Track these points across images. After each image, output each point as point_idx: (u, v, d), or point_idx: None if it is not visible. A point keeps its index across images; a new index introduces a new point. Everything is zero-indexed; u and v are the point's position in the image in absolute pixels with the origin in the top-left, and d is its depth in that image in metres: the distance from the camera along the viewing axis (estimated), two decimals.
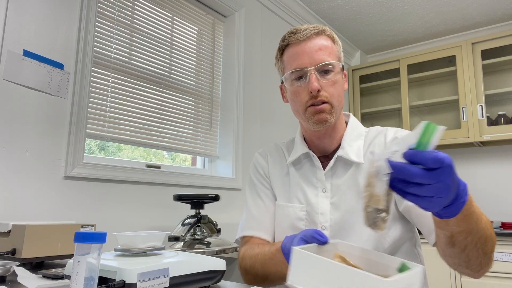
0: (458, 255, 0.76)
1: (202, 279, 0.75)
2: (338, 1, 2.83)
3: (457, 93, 2.98)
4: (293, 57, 0.98)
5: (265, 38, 2.60)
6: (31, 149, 1.37)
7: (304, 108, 0.97)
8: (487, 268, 0.81)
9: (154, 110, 1.91)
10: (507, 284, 2.27)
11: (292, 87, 0.99)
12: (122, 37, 1.80)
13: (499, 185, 2.99)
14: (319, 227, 0.96)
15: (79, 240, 0.51)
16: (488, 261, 0.79)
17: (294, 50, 0.98)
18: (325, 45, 0.97)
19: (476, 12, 2.96)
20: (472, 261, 0.76)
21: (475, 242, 0.72)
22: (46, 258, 0.99)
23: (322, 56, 0.95)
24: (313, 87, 0.93)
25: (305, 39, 0.97)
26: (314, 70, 0.94)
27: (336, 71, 0.97)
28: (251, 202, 1.10)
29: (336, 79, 0.97)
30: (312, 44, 0.97)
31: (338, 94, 0.97)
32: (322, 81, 0.95)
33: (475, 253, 0.74)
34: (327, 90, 0.95)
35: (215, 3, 2.29)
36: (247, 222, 1.08)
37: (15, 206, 1.31)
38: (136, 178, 1.69)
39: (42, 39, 1.43)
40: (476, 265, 0.78)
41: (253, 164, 1.16)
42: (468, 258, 0.75)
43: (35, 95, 1.40)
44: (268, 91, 2.57)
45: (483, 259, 0.77)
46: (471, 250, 0.73)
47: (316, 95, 0.94)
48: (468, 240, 0.71)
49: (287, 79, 1.00)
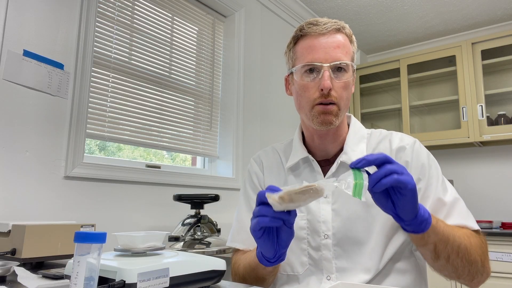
0: (445, 267, 0.82)
1: (202, 279, 0.75)
2: (338, 1, 2.83)
3: (457, 93, 2.98)
4: (308, 50, 0.92)
5: (265, 38, 2.60)
6: (31, 149, 1.37)
7: (311, 105, 0.92)
8: (481, 278, 0.85)
9: (154, 110, 1.91)
10: (507, 284, 2.27)
11: (302, 81, 0.93)
12: (122, 37, 1.80)
13: (499, 185, 2.99)
14: (321, 236, 0.92)
15: (79, 240, 0.51)
16: (477, 271, 0.83)
17: (311, 42, 0.92)
18: (343, 43, 0.92)
19: (476, 12, 2.96)
20: (459, 271, 0.82)
21: (456, 251, 0.80)
22: (46, 258, 0.99)
23: (339, 54, 0.90)
24: (326, 84, 0.88)
25: (324, 33, 0.92)
26: (329, 67, 0.89)
27: (349, 73, 0.93)
28: (245, 214, 1.05)
29: (348, 81, 0.92)
30: (330, 40, 0.91)
31: (347, 97, 0.93)
32: (335, 81, 0.90)
33: (459, 262, 0.81)
34: (338, 91, 0.91)
35: (215, 3, 2.29)
36: (238, 233, 1.03)
37: (15, 206, 1.31)
38: (136, 178, 1.69)
39: (42, 39, 1.43)
40: (466, 274, 0.83)
41: (248, 171, 1.11)
42: (455, 268, 0.81)
43: (35, 95, 1.40)
44: (268, 91, 2.57)
45: (471, 268, 0.82)
46: (454, 260, 0.80)
47: (327, 94, 0.89)
48: (448, 249, 0.79)
49: (297, 71, 0.94)
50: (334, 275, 0.90)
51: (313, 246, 0.93)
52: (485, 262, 0.84)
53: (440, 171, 0.95)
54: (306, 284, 0.92)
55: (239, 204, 1.09)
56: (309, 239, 0.94)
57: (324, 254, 0.91)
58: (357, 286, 0.69)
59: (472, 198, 2.99)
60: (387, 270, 0.90)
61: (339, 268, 0.90)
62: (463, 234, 0.83)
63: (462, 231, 0.84)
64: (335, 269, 0.90)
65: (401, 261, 0.92)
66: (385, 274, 0.90)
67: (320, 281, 0.91)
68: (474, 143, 2.93)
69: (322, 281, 0.91)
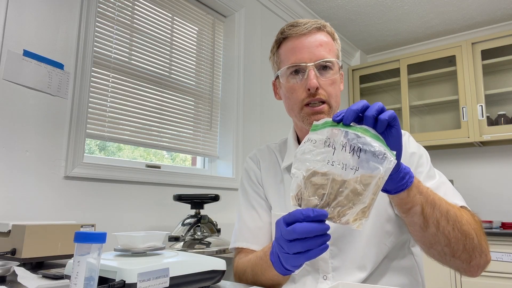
0: (437, 238, 0.74)
1: (202, 279, 0.75)
2: (338, 1, 2.83)
3: (457, 93, 2.98)
4: (291, 51, 0.92)
5: (265, 38, 2.60)
6: (31, 149, 1.37)
7: (300, 106, 0.92)
8: (479, 260, 0.78)
9: (154, 110, 1.91)
10: (507, 284, 2.27)
11: (288, 84, 0.93)
12: (122, 37, 1.80)
13: (499, 185, 2.99)
14: None
15: (79, 240, 0.51)
16: (473, 247, 0.76)
17: (293, 44, 0.93)
18: (326, 41, 0.93)
19: (476, 12, 2.96)
20: (453, 244, 0.75)
21: (445, 216, 0.73)
22: (46, 258, 0.99)
23: (322, 52, 0.90)
24: (312, 84, 0.88)
25: (305, 33, 0.92)
26: (313, 66, 0.89)
27: (335, 70, 0.92)
28: (245, 212, 1.04)
29: (334, 78, 0.92)
30: (312, 39, 0.92)
31: (336, 94, 0.93)
32: (320, 79, 0.90)
33: (451, 231, 0.74)
34: (326, 89, 0.90)
35: (215, 3, 2.29)
36: (240, 232, 1.02)
37: (15, 206, 1.31)
38: (136, 178, 1.69)
39: (42, 39, 1.43)
40: (461, 251, 0.75)
41: (245, 169, 1.10)
42: (448, 240, 0.74)
43: (35, 95, 1.40)
44: (268, 91, 2.57)
45: (466, 241, 0.75)
46: (445, 227, 0.73)
47: (314, 93, 0.89)
48: (436, 213, 0.72)
49: (283, 74, 0.94)
50: (330, 275, 0.89)
51: None
52: (481, 240, 0.78)
53: (430, 161, 0.94)
54: (303, 284, 0.92)
55: (239, 205, 1.09)
56: None
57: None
58: (357, 286, 0.69)
59: (472, 198, 2.99)
60: (383, 269, 0.90)
61: (335, 267, 0.89)
62: (451, 204, 0.78)
63: (449, 202, 0.79)
64: (331, 268, 0.89)
65: (397, 259, 0.91)
66: (381, 273, 0.90)
67: (317, 281, 0.90)
68: (474, 143, 2.93)
69: (319, 281, 0.90)
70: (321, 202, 0.60)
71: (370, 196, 0.58)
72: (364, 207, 0.58)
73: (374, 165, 0.57)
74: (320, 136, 0.62)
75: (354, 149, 0.59)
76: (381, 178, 0.57)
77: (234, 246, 1.03)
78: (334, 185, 0.59)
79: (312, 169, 0.61)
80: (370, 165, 0.58)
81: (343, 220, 0.59)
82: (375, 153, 0.58)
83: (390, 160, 0.57)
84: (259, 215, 1.02)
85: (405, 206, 0.72)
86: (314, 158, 0.61)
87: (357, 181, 0.58)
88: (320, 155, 0.61)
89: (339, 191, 0.59)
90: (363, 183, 0.58)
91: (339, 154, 0.60)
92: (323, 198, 0.60)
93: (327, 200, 0.60)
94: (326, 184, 0.60)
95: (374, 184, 0.57)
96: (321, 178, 0.60)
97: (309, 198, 0.61)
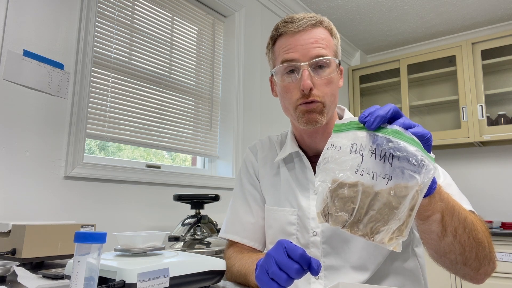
0: (452, 247, 0.70)
1: (202, 279, 0.75)
2: (338, 1, 2.83)
3: (457, 93, 2.98)
4: (285, 49, 0.89)
5: (265, 38, 2.59)
6: (31, 149, 1.37)
7: (294, 106, 0.89)
8: (487, 268, 0.75)
9: (154, 110, 1.91)
10: (507, 284, 2.27)
11: (283, 83, 0.90)
12: (122, 37, 1.80)
13: (499, 185, 2.99)
14: (310, 233, 0.91)
15: (79, 240, 0.51)
16: (484, 255, 0.73)
17: (287, 41, 0.89)
18: (322, 37, 0.89)
19: (476, 12, 2.96)
20: (467, 252, 0.71)
21: (462, 224, 0.69)
22: (46, 258, 0.99)
23: (317, 50, 0.87)
24: (306, 85, 0.84)
25: (300, 30, 0.88)
26: (308, 65, 0.86)
27: (332, 68, 0.89)
28: (239, 204, 1.05)
29: (331, 77, 0.88)
30: (307, 37, 0.88)
31: (332, 93, 0.89)
32: (315, 79, 0.87)
33: (466, 239, 0.70)
34: (320, 88, 0.87)
35: (215, 3, 2.29)
36: (232, 224, 1.03)
37: (15, 206, 1.31)
38: (136, 178, 1.69)
39: (42, 39, 1.43)
40: (473, 259, 0.72)
41: (243, 160, 1.10)
42: (462, 248, 0.70)
43: (35, 95, 1.40)
44: (268, 91, 2.57)
45: (478, 249, 0.71)
46: (462, 235, 0.69)
47: (308, 94, 0.86)
48: (455, 220, 0.67)
49: (278, 72, 0.91)
50: (322, 274, 0.88)
51: (301, 243, 0.91)
52: (491, 247, 0.75)
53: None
54: (294, 284, 0.91)
55: (233, 194, 1.08)
56: (298, 235, 0.92)
57: (312, 252, 0.89)
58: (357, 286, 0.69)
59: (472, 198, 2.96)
60: (386, 270, 0.89)
61: (328, 266, 0.89)
62: (465, 209, 0.73)
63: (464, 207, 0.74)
64: (323, 267, 0.88)
65: (400, 260, 0.90)
66: (383, 274, 0.89)
67: (308, 281, 0.89)
68: (474, 143, 2.93)
69: (311, 281, 0.89)
70: (351, 218, 0.54)
71: (406, 212, 0.51)
72: (400, 225, 0.51)
73: (410, 174, 0.50)
74: (345, 140, 0.55)
75: (385, 155, 0.52)
76: (418, 190, 0.50)
77: (226, 238, 1.03)
78: (365, 197, 0.53)
79: (339, 180, 0.54)
80: (405, 174, 0.51)
81: (377, 239, 0.53)
82: (411, 160, 0.50)
83: (429, 168, 0.50)
84: (252, 210, 1.03)
85: (424, 213, 0.65)
86: (340, 167, 0.54)
87: (390, 193, 0.51)
88: (346, 163, 0.54)
89: (370, 204, 0.53)
90: (397, 195, 0.51)
91: (368, 162, 0.53)
92: (353, 213, 0.54)
93: (357, 215, 0.53)
94: (356, 196, 0.53)
95: (411, 198, 0.50)
96: (349, 190, 0.53)
97: (337, 213, 0.55)
